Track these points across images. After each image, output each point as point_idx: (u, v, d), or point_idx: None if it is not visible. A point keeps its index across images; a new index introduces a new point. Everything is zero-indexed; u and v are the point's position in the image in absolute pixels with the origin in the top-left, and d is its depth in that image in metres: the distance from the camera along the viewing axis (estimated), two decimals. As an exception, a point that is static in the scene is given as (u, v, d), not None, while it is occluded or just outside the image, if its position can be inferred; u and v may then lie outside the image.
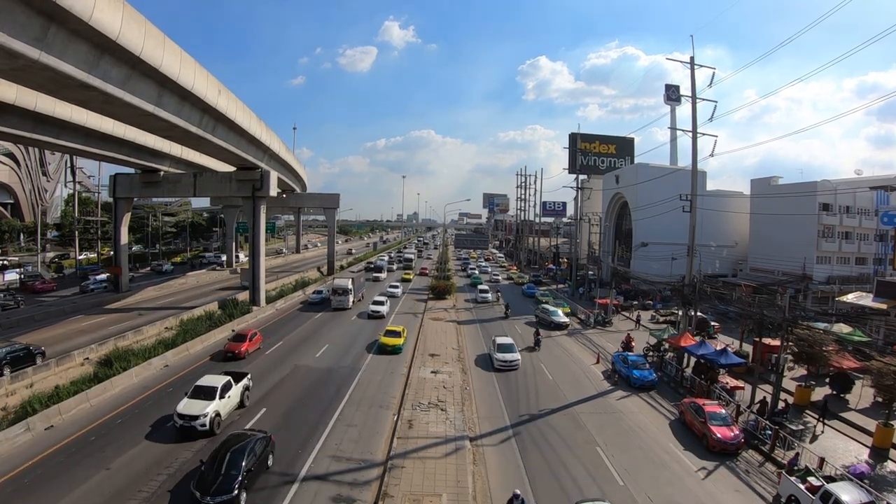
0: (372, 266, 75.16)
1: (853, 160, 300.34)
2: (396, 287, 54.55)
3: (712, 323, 38.64)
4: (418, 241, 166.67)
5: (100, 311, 40.09)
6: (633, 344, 32.90)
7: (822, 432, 21.13)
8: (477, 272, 77.12)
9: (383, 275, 69.01)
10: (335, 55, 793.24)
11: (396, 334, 32.42)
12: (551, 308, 43.69)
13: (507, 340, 30.82)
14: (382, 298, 43.85)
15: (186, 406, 18.67)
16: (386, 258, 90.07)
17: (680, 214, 33.63)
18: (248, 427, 18.73)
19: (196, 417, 18.18)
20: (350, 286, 45.23)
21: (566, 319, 42.12)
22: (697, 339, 28.81)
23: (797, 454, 17.41)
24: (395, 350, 31.03)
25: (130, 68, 22.09)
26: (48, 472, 15.55)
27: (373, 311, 41.51)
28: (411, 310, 46.20)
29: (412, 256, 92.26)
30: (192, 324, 34.56)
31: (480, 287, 57.53)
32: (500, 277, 73.74)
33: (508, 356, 28.93)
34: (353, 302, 46.05)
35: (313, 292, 48.74)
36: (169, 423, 19.10)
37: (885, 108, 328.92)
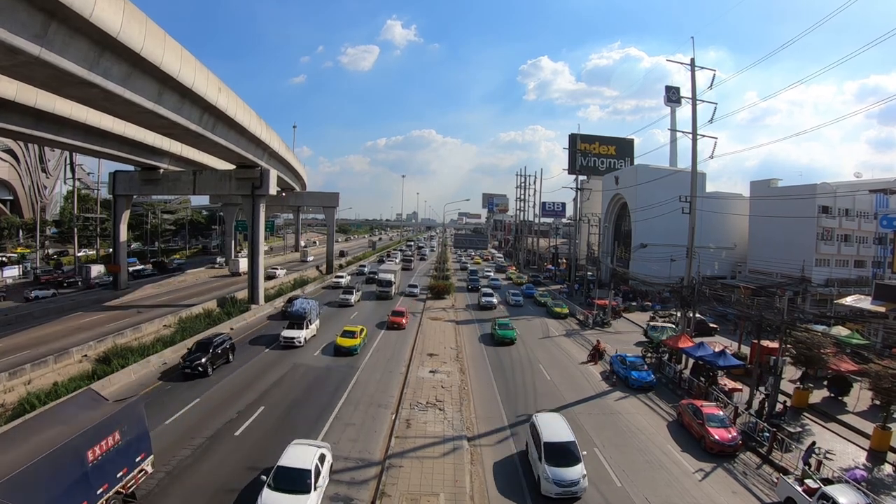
0: (292, 310, 33.60)
1: (853, 163, 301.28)
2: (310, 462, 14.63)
3: (711, 325, 38.72)
4: (409, 245, 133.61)
5: (98, 309, 40.07)
6: (603, 348, 31.57)
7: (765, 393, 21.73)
8: (493, 299, 48.57)
9: (303, 333, 31.26)
10: (337, 54, 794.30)
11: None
12: (666, 324, 36.93)
13: None
14: None
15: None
16: (345, 279, 58.98)
17: (679, 216, 33.66)
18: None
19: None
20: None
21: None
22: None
23: (813, 442, 17.84)
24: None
25: (131, 66, 22.08)
26: (46, 469, 15.48)
27: None
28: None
29: (390, 276, 52.57)
30: (191, 322, 34.66)
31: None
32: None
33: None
34: None
35: None
36: (168, 421, 19.17)
37: (885, 111, 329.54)
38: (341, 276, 60.83)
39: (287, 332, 31.35)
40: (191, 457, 16.69)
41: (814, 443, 17.85)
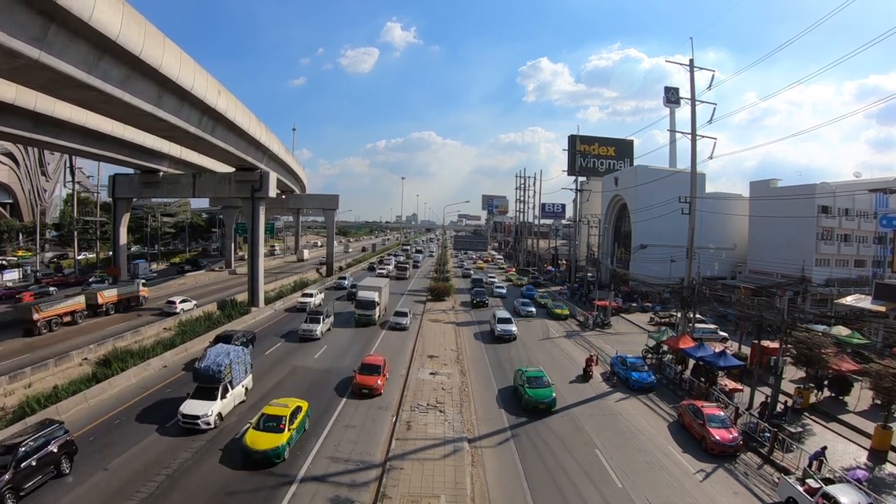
0: (201, 367, 20.19)
1: (852, 163, 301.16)
2: None
3: (711, 325, 38.67)
4: (405, 249, 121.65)
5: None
6: (593, 369, 28.27)
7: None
8: (512, 327, 36.10)
9: (215, 407, 19.06)
10: (337, 56, 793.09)
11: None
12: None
13: None
14: None
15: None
16: (314, 298, 44.42)
17: (679, 216, 33.65)
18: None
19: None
20: None
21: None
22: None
23: (825, 447, 17.78)
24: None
25: (130, 69, 22.11)
26: (46, 472, 15.45)
27: None
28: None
29: (373, 295, 39.52)
30: (191, 324, 34.63)
31: None
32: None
33: None
34: None
35: None
36: (168, 424, 19.18)
37: (884, 111, 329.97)
38: (309, 295, 44.78)
39: (189, 408, 18.80)
40: None
41: (825, 447, 17.79)
